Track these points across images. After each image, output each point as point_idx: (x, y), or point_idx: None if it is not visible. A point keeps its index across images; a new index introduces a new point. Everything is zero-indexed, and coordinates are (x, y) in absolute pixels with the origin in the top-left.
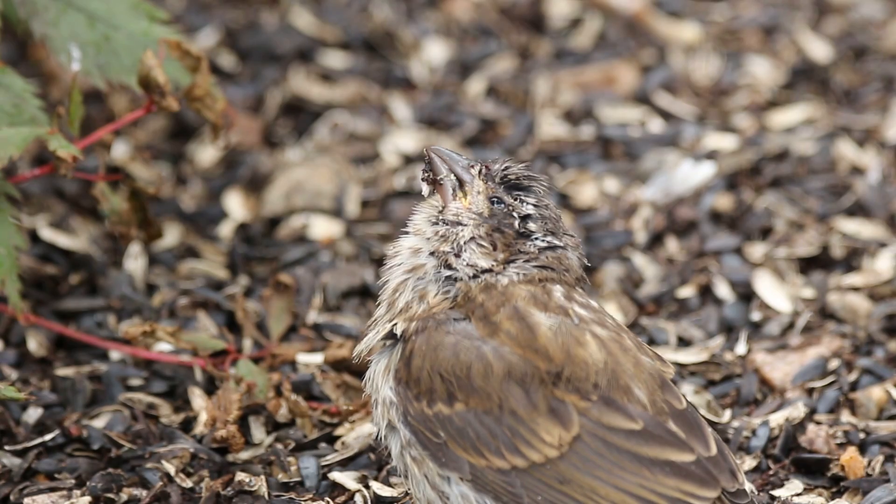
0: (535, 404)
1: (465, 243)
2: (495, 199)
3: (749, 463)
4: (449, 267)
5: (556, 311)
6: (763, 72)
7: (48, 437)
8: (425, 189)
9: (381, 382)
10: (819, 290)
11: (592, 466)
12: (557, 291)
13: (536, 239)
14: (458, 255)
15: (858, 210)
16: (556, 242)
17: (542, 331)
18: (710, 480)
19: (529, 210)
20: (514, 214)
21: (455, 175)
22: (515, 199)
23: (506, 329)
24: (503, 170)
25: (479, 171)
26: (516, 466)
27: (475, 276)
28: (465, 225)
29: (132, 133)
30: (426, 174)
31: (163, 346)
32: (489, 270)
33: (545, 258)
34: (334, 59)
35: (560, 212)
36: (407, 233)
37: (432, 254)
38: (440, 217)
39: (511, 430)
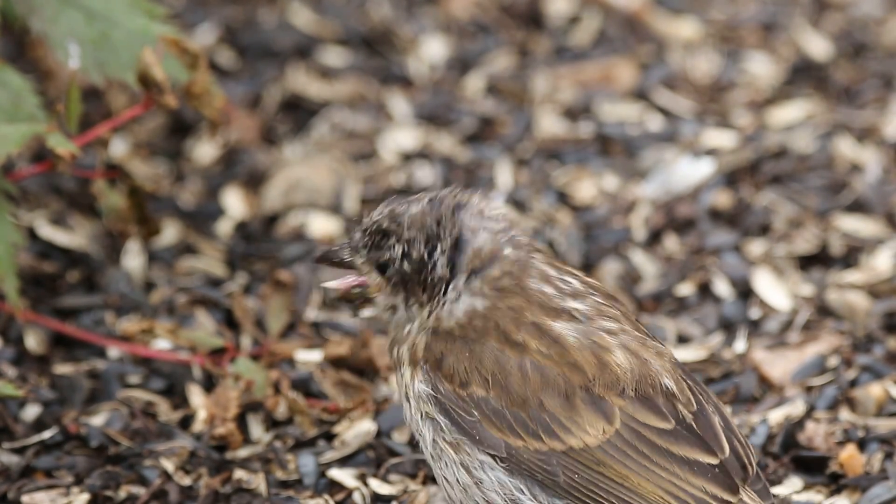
0: (574, 405)
1: (408, 312)
2: (380, 265)
3: None
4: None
5: (564, 315)
6: (762, 69)
7: (46, 434)
8: (368, 314)
9: (409, 379)
10: (818, 288)
11: (625, 457)
12: (543, 287)
13: (433, 259)
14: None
15: (857, 207)
16: (444, 246)
17: (570, 342)
18: (732, 485)
19: (399, 249)
20: (396, 264)
21: (347, 272)
22: (386, 252)
23: (535, 348)
24: (363, 234)
25: (351, 250)
26: (554, 449)
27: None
28: (395, 303)
29: (130, 130)
30: (352, 309)
31: (161, 344)
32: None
33: (465, 267)
34: (333, 57)
35: (439, 209)
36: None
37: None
38: (387, 315)
39: (550, 418)
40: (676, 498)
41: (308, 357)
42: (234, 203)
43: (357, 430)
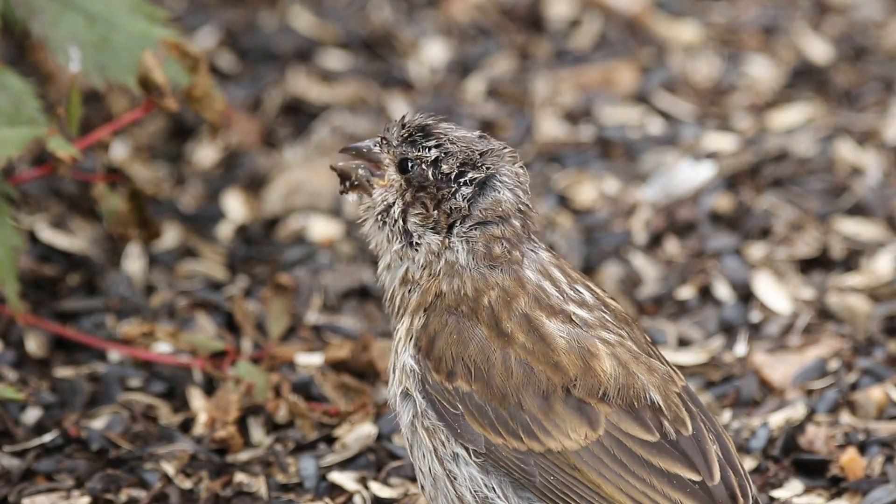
0: (552, 407)
1: (402, 220)
2: (404, 160)
3: (749, 464)
4: (411, 246)
5: (560, 315)
6: (763, 72)
7: (47, 437)
8: (352, 199)
9: (401, 348)
10: (818, 291)
11: (601, 465)
12: (543, 283)
13: (459, 183)
14: (409, 235)
15: (858, 211)
16: (476, 176)
17: (558, 344)
18: (712, 502)
19: (433, 153)
20: (423, 166)
21: (365, 164)
22: (420, 150)
23: (521, 342)
24: (401, 127)
25: (382, 143)
26: (532, 450)
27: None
28: (393, 203)
29: (131, 133)
30: (343, 186)
31: (162, 347)
32: (439, 243)
33: (479, 213)
34: (333, 60)
35: (474, 141)
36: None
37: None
38: (377, 214)
39: (531, 418)
40: None
41: (309, 360)
42: (235, 206)
43: (358, 433)
